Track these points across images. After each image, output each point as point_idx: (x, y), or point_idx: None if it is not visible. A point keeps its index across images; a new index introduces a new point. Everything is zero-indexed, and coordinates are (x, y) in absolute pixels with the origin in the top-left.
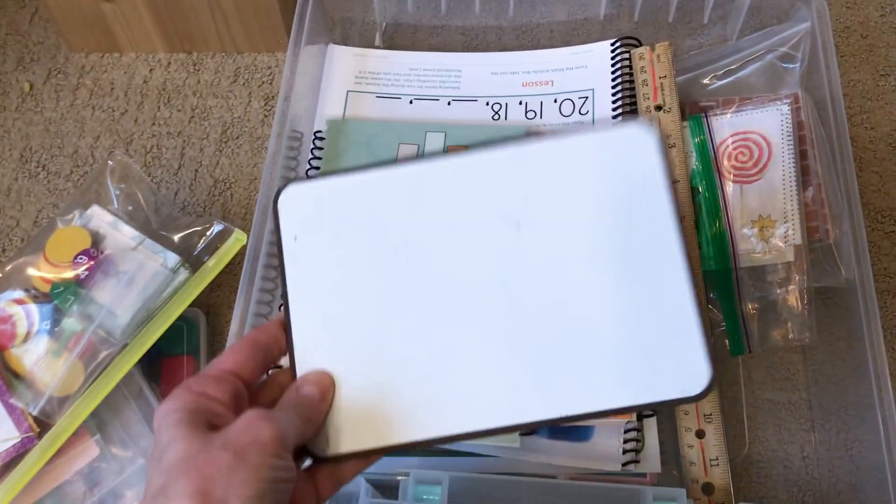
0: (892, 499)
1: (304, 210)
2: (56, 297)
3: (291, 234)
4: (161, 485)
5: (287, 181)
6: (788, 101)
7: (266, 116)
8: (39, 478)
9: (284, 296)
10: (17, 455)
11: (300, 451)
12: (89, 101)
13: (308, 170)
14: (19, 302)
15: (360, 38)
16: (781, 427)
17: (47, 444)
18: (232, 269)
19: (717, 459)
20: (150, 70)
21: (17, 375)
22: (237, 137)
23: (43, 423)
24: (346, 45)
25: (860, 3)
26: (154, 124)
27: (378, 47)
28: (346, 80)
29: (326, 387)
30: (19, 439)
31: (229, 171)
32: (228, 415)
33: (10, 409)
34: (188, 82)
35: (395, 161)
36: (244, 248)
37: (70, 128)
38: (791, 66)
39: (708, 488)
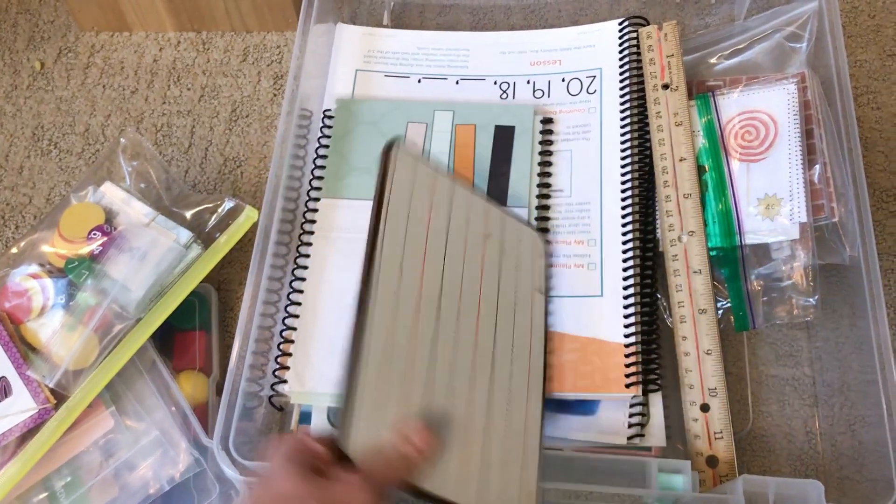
0: (893, 473)
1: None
2: (71, 272)
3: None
4: None
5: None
6: (795, 80)
7: (275, 95)
8: (56, 448)
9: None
10: (35, 426)
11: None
12: (100, 79)
13: (318, 148)
14: (35, 276)
15: (368, 17)
16: (785, 402)
17: (63, 415)
18: (243, 246)
19: (721, 433)
20: (160, 49)
21: (33, 348)
22: (247, 116)
23: (59, 395)
24: (354, 24)
25: None
26: (164, 103)
27: (386, 26)
28: (354, 59)
29: (428, 442)
30: (36, 410)
31: (239, 149)
32: (331, 467)
33: (27, 381)
34: (198, 61)
35: None
36: (255, 224)
37: (81, 106)
38: (798, 45)
39: (712, 461)
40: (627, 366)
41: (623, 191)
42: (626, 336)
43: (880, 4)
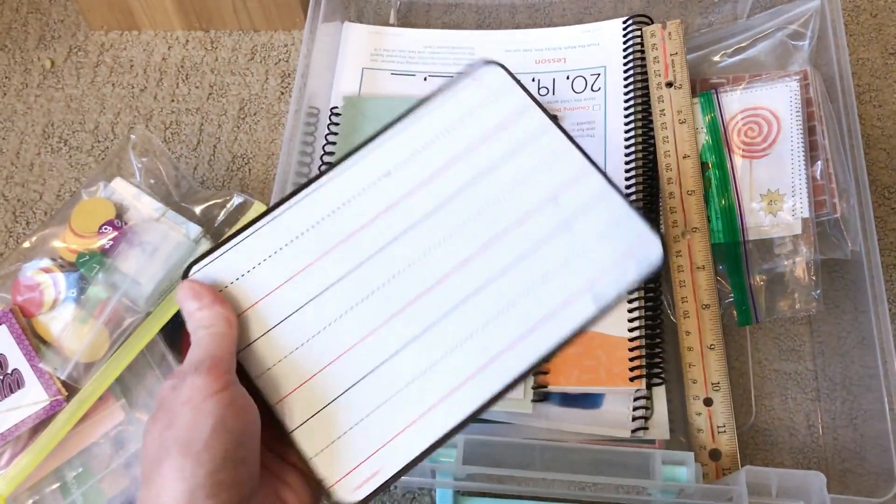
0: (894, 467)
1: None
2: (82, 266)
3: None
4: None
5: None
6: (797, 77)
7: (283, 93)
8: (68, 440)
9: None
10: (47, 417)
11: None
12: (109, 77)
13: (325, 145)
14: (46, 270)
15: (374, 16)
16: (788, 397)
17: (75, 407)
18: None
19: (724, 427)
20: (169, 47)
21: (44, 341)
22: (254, 114)
23: (70, 387)
24: (361, 23)
25: None
26: (173, 101)
27: (392, 25)
28: (361, 57)
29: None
30: (48, 402)
31: (247, 146)
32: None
33: (39, 374)
34: (206, 60)
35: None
36: None
37: (91, 104)
38: (800, 43)
39: (715, 454)
40: (631, 360)
41: (627, 187)
42: (630, 331)
43: (882, 3)
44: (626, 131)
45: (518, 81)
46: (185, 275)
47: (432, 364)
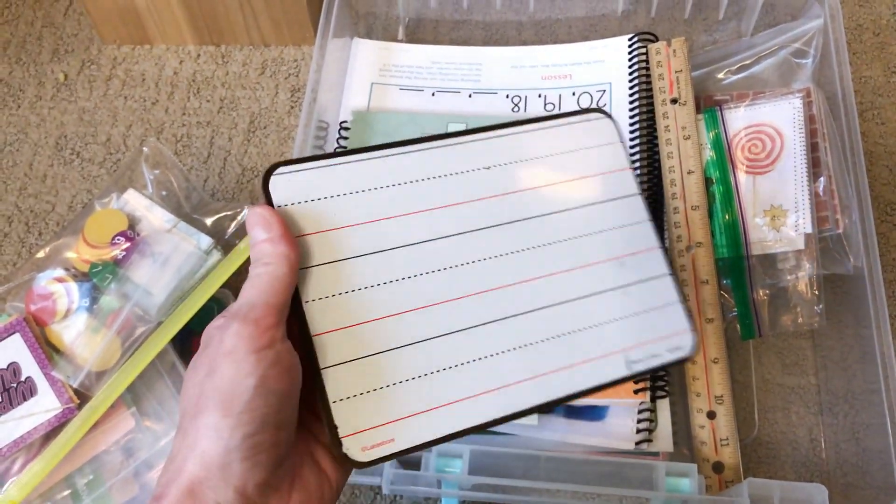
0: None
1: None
2: (95, 276)
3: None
4: None
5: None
6: (800, 94)
7: (292, 107)
8: (79, 447)
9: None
10: (59, 425)
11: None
12: (121, 91)
13: None
14: (60, 280)
15: (383, 32)
16: (790, 410)
17: (86, 414)
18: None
19: (727, 439)
20: (181, 62)
21: (57, 350)
22: (264, 127)
23: (82, 395)
24: (370, 38)
25: (872, 2)
26: (184, 114)
27: (401, 41)
28: (370, 72)
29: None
30: (60, 410)
31: (257, 159)
32: None
33: (52, 382)
34: (217, 74)
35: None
36: None
37: (103, 117)
38: (803, 61)
39: (718, 467)
40: None
41: None
42: None
43: (885, 23)
44: (631, 147)
45: (623, 142)
46: (266, 178)
47: (476, 359)
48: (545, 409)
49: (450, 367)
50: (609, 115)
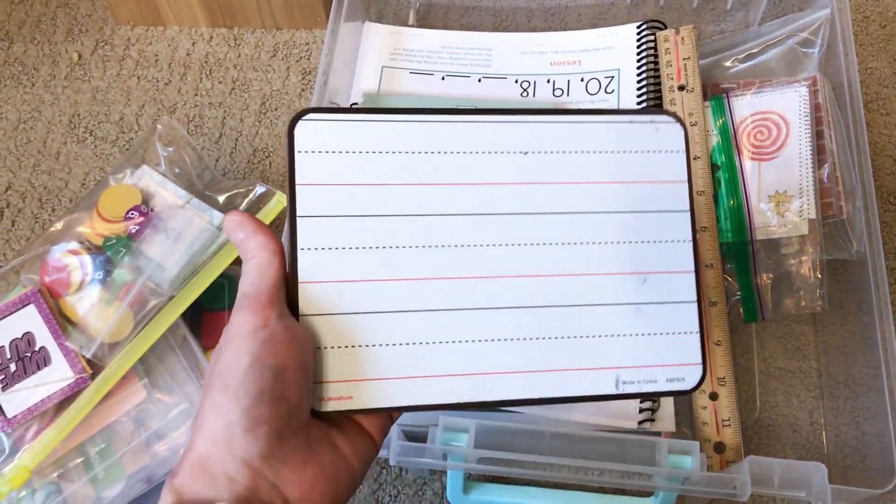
0: (894, 464)
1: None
2: (108, 250)
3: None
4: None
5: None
6: (806, 83)
7: (303, 90)
8: (91, 416)
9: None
10: (72, 394)
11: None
12: (135, 71)
13: None
14: (74, 253)
15: (394, 17)
16: (791, 394)
17: (99, 384)
18: (272, 230)
19: (728, 420)
20: (193, 43)
21: (71, 321)
22: (276, 109)
23: (95, 366)
24: (381, 23)
25: None
26: (196, 95)
27: (412, 26)
28: (381, 56)
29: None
30: (74, 379)
31: (268, 140)
32: None
33: (66, 352)
34: (229, 56)
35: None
36: (284, 209)
37: (116, 96)
38: (810, 51)
39: (720, 447)
40: None
41: None
42: None
43: (892, 15)
44: None
45: (688, 152)
46: (293, 123)
47: (457, 341)
48: (518, 404)
49: (428, 343)
50: (681, 121)
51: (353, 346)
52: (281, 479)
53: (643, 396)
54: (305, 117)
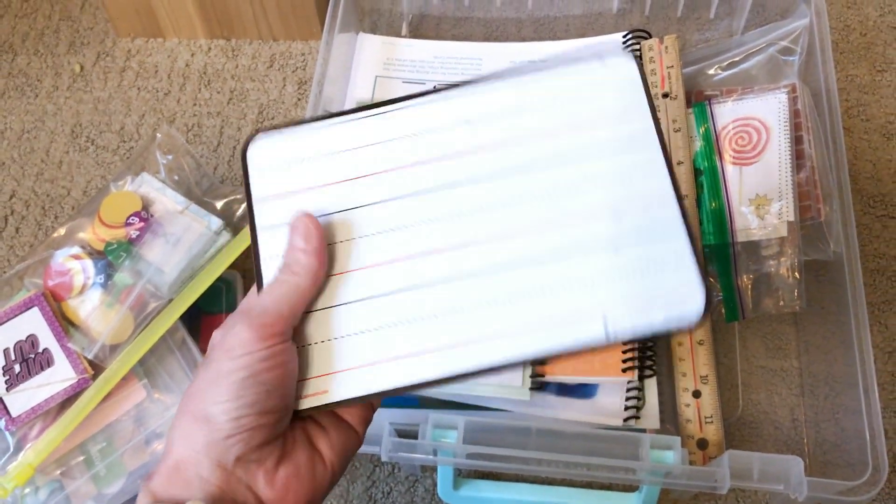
0: (869, 459)
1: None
2: (110, 254)
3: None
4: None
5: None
6: (786, 90)
7: (299, 99)
8: (93, 416)
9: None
10: (74, 394)
11: None
12: (135, 82)
13: None
14: (76, 257)
15: (388, 28)
16: (773, 392)
17: (100, 385)
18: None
19: (711, 417)
20: (192, 55)
21: (73, 324)
22: (272, 118)
23: (96, 367)
24: (374, 34)
25: (860, 3)
26: (195, 105)
27: (405, 37)
28: (374, 66)
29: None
30: (76, 380)
31: None
32: None
33: (68, 353)
34: (227, 66)
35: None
36: None
37: (117, 106)
38: (790, 58)
39: (702, 443)
40: (625, 353)
41: None
42: None
43: (871, 24)
44: None
45: (645, 83)
46: (246, 146)
47: (431, 315)
48: (501, 369)
49: (400, 323)
50: (632, 55)
51: (325, 341)
52: (255, 480)
53: (639, 339)
54: (256, 138)
